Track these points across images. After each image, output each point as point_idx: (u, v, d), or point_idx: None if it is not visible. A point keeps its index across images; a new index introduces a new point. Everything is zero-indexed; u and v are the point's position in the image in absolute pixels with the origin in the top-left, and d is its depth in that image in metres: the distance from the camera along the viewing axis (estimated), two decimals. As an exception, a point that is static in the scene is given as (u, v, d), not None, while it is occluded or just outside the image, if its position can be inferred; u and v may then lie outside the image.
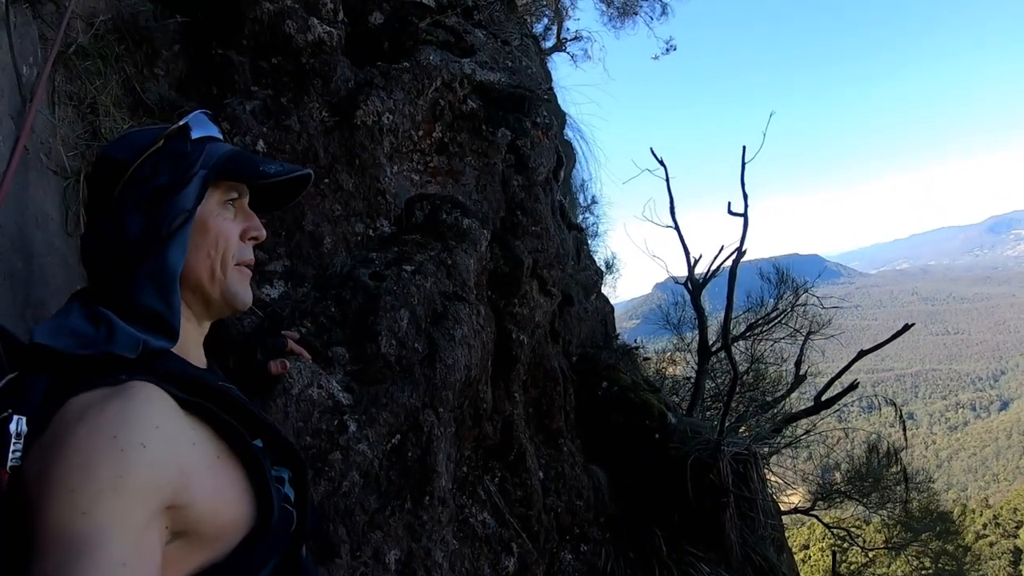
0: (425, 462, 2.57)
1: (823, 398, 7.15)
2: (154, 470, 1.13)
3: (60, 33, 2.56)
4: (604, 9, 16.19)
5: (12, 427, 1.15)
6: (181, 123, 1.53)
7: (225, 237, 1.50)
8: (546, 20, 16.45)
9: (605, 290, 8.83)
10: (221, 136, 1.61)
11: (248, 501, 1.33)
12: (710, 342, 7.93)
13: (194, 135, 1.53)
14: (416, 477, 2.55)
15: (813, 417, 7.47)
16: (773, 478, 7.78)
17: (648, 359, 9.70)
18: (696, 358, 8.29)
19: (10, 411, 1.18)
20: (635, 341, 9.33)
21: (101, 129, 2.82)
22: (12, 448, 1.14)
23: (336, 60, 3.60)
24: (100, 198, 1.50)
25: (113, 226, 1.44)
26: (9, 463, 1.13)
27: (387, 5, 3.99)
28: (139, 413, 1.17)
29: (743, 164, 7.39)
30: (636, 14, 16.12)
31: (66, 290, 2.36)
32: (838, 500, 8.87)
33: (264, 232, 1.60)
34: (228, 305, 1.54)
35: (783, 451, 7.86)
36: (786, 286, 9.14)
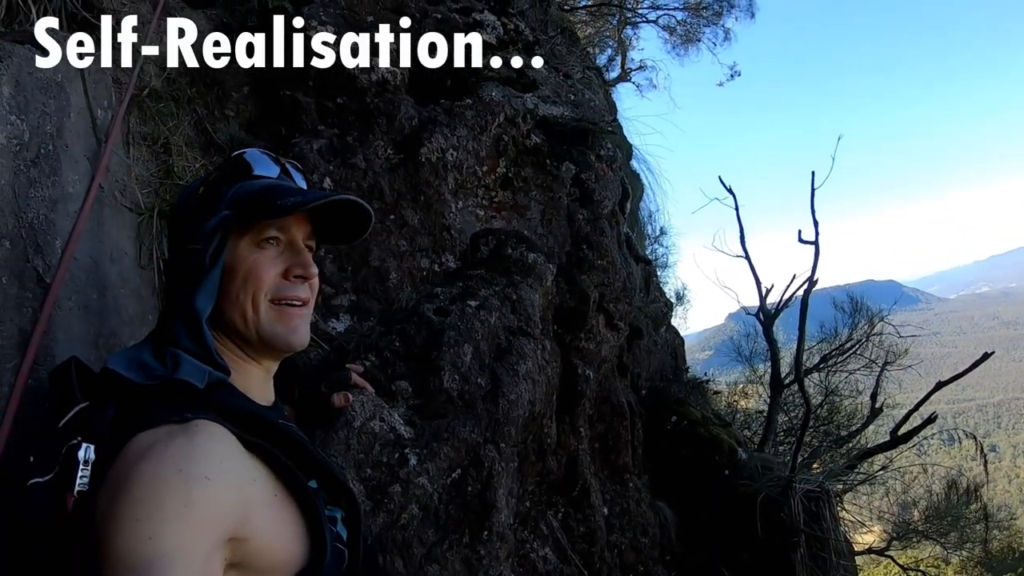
0: (485, 497, 2.55)
1: (900, 432, 6.92)
2: (218, 502, 1.18)
3: (134, 78, 2.65)
4: (667, 37, 16.29)
5: (80, 454, 1.23)
6: (223, 164, 1.60)
7: (256, 277, 1.50)
8: (610, 51, 16.57)
9: (676, 322, 8.72)
10: (275, 171, 1.62)
11: (302, 539, 1.36)
12: (783, 374, 7.77)
13: (256, 172, 1.57)
14: (475, 511, 2.53)
15: (890, 452, 7.22)
16: (847, 516, 7.52)
17: (718, 393, 9.51)
18: (768, 391, 8.12)
19: (79, 438, 1.26)
20: (705, 374, 9.20)
21: (174, 168, 2.91)
22: (80, 473, 1.21)
23: (400, 99, 3.66)
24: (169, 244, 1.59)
25: (169, 270, 1.56)
26: (77, 487, 1.20)
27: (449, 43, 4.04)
28: (204, 449, 1.22)
29: (812, 190, 7.24)
30: (699, 41, 16.22)
31: (139, 320, 2.44)
32: (915, 539, 8.49)
33: (313, 269, 1.58)
34: (267, 345, 1.54)
35: (858, 488, 7.59)
36: (860, 315, 8.91)
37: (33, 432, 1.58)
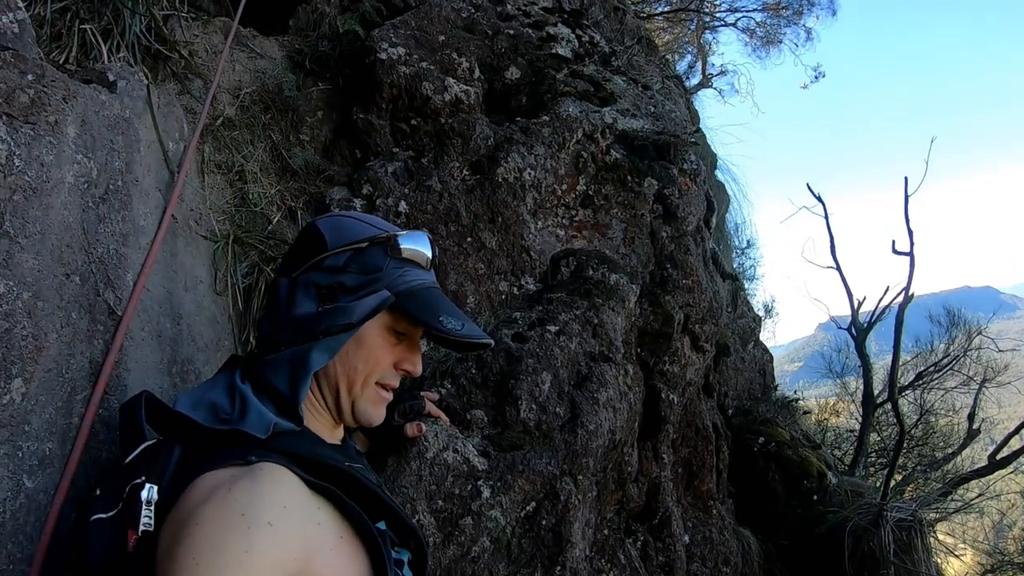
0: (559, 531, 2.48)
1: (999, 456, 6.51)
2: (279, 547, 1.17)
3: (206, 108, 2.67)
4: (747, 40, 16.08)
5: (143, 494, 1.25)
6: (393, 234, 1.57)
7: (376, 359, 1.54)
8: (690, 57, 16.46)
9: (764, 335, 8.45)
10: (430, 258, 1.62)
11: None
12: (876, 392, 7.44)
13: (403, 244, 1.56)
14: (549, 546, 2.46)
15: (987, 476, 6.79)
16: (938, 544, 7.10)
17: (808, 413, 9.19)
18: (860, 409, 7.79)
19: (143, 478, 1.28)
20: (795, 390, 8.91)
21: (249, 195, 2.92)
22: (143, 513, 1.22)
23: (475, 118, 3.61)
24: (291, 262, 1.58)
25: (287, 298, 1.52)
26: (141, 527, 1.21)
27: (522, 60, 3.98)
28: (267, 493, 1.22)
29: (906, 197, 6.90)
30: (780, 42, 15.97)
31: (213, 347, 2.47)
32: (1011, 572, 7.95)
33: (419, 369, 1.62)
34: (355, 419, 1.58)
35: (952, 516, 7.16)
36: (957, 328, 8.49)
37: (101, 465, 1.68)
